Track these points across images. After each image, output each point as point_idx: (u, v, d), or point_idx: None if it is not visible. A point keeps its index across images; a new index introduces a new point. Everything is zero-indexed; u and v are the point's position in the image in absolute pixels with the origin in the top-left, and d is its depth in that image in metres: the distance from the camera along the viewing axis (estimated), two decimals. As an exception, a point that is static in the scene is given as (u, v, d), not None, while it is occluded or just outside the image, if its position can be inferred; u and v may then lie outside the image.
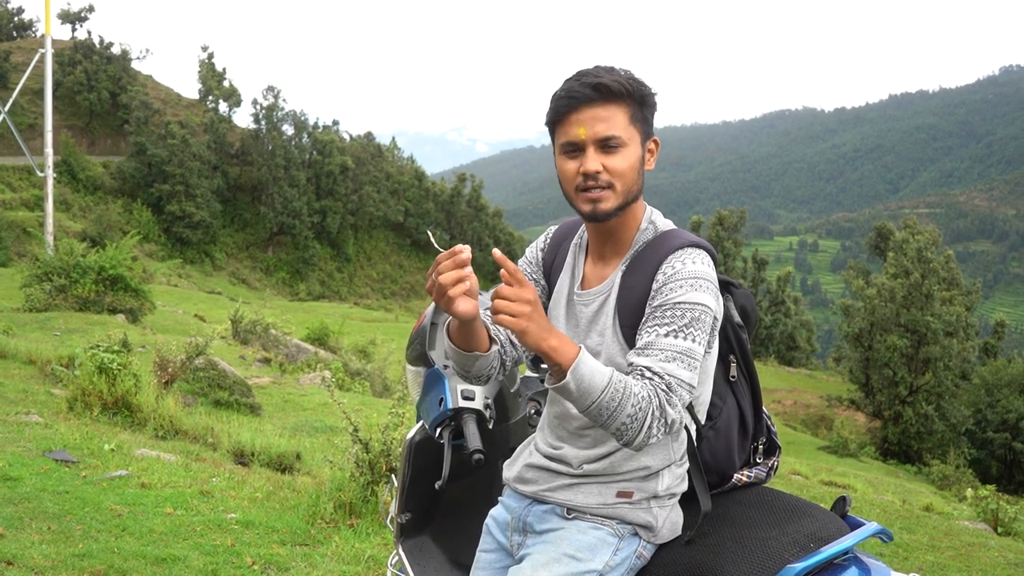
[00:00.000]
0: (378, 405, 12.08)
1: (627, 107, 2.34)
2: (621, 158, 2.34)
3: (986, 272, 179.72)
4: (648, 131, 2.41)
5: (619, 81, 2.32)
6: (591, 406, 2.15)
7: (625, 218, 2.44)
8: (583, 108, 2.33)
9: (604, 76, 2.32)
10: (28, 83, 47.16)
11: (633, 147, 2.36)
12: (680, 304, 2.28)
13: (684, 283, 2.29)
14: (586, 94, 2.32)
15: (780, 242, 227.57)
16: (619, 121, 2.33)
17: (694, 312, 2.28)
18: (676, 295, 2.29)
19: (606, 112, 2.32)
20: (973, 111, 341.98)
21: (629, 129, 2.35)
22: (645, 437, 2.19)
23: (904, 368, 44.88)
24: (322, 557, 5.48)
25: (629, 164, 2.35)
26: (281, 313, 28.30)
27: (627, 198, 2.38)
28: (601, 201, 2.36)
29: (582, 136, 2.34)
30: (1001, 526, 9.22)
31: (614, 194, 2.36)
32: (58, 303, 17.46)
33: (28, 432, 7.62)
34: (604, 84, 2.31)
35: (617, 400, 2.13)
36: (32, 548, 4.99)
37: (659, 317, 2.29)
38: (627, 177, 2.35)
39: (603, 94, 2.32)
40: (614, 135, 2.32)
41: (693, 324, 2.27)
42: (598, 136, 2.33)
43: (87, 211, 61.92)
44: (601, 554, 2.38)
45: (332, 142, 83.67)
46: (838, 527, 2.42)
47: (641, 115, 2.38)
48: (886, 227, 58.83)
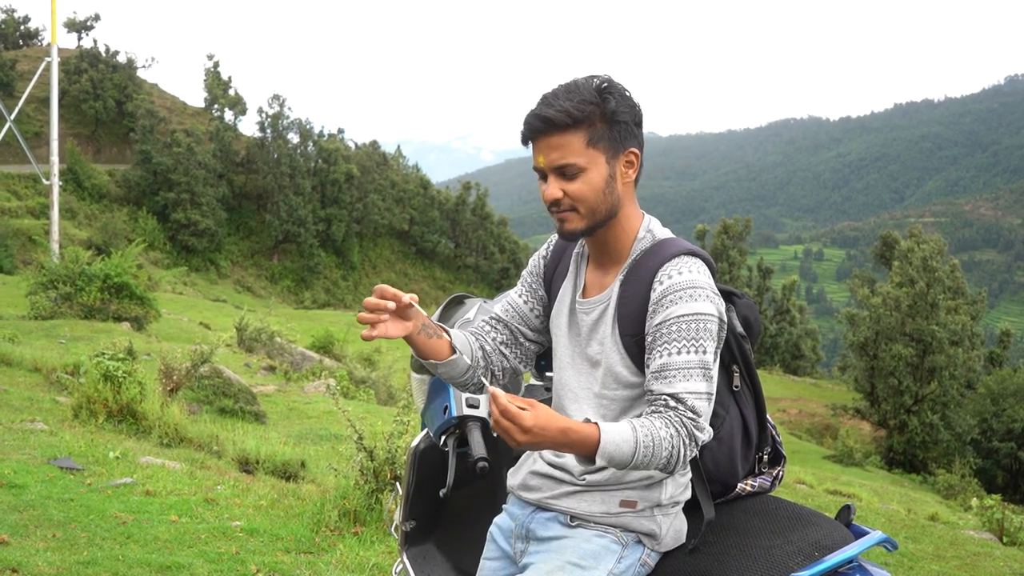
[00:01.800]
0: (383, 413, 12.08)
1: (582, 132, 2.33)
2: (581, 183, 2.35)
3: (991, 281, 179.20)
4: (616, 147, 2.38)
5: (566, 111, 2.31)
6: (628, 470, 2.23)
7: (614, 230, 2.46)
8: (540, 138, 2.36)
9: (554, 106, 2.32)
10: (34, 91, 47.30)
11: (594, 170, 2.36)
12: (682, 318, 2.29)
13: (683, 294, 2.31)
14: (537, 126, 2.35)
15: (785, 251, 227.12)
16: (574, 148, 2.33)
17: (698, 323, 2.29)
18: (676, 309, 2.30)
19: (560, 140, 2.33)
20: (978, 120, 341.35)
21: (587, 153, 2.34)
22: (682, 465, 2.25)
23: (909, 377, 44.78)
24: (326, 565, 5.47)
25: (591, 187, 2.36)
26: (286, 321, 28.32)
27: (595, 218, 2.39)
28: (566, 222, 2.40)
29: (541, 165, 2.38)
30: (1007, 536, 9.21)
31: (579, 216, 2.38)
32: (63, 311, 17.50)
33: (33, 439, 7.63)
34: (548, 118, 2.32)
35: (651, 453, 2.19)
36: (37, 555, 4.99)
37: (666, 335, 2.30)
38: (590, 200, 2.36)
39: (552, 125, 2.33)
40: (569, 163, 2.34)
41: (700, 335, 2.29)
42: (554, 165, 2.35)
43: (92, 219, 62.07)
44: (605, 562, 2.38)
45: (337, 150, 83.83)
46: (843, 536, 2.42)
47: (606, 133, 2.36)
48: (891, 236, 58.71)
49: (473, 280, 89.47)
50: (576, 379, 2.52)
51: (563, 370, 2.56)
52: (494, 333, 2.68)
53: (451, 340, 2.52)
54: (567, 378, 2.54)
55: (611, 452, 2.15)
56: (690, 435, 2.23)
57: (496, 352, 2.66)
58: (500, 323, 2.70)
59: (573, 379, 2.53)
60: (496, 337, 2.68)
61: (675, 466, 2.24)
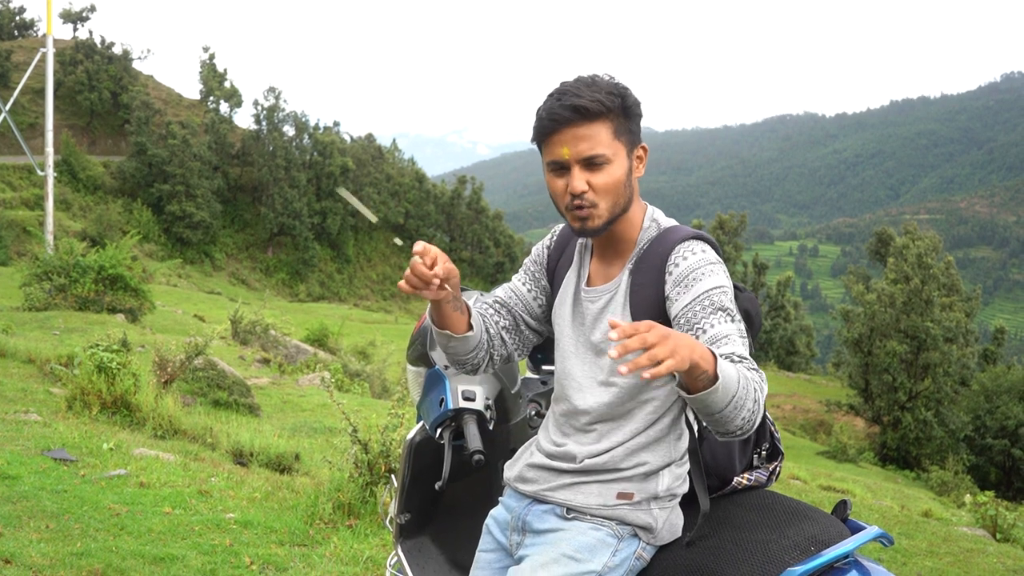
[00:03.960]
0: (377, 406, 12.07)
1: (610, 123, 2.34)
2: (606, 175, 2.35)
3: (986, 278, 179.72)
4: (634, 140, 2.41)
5: (599, 100, 2.32)
6: (731, 401, 2.03)
7: (623, 223, 2.46)
8: (565, 129, 2.34)
9: (584, 96, 2.32)
10: (29, 82, 47.10)
11: (619, 162, 2.37)
12: (711, 291, 2.29)
13: (704, 270, 2.32)
14: (566, 116, 2.33)
15: (780, 247, 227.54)
16: (602, 138, 2.34)
17: (724, 294, 2.30)
18: (703, 284, 2.30)
19: (589, 131, 2.33)
20: (974, 117, 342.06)
21: (614, 144, 2.35)
22: (758, 417, 2.11)
23: (903, 374, 44.88)
24: (320, 558, 5.47)
25: (615, 179, 2.36)
26: (281, 314, 28.28)
27: (615, 212, 2.39)
28: (589, 219, 2.38)
29: (566, 156, 2.35)
30: (1000, 532, 9.23)
31: (601, 211, 2.38)
32: (58, 302, 17.44)
33: (27, 431, 7.61)
34: (583, 106, 2.31)
35: (745, 391, 2.05)
36: (30, 547, 4.98)
37: (703, 309, 2.27)
38: (613, 193, 2.37)
39: (583, 115, 2.32)
40: (598, 153, 2.33)
41: (728, 304, 2.29)
42: (582, 155, 2.34)
43: (87, 211, 61.98)
44: (600, 555, 2.38)
45: (333, 143, 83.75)
46: (839, 531, 2.41)
47: (626, 127, 2.38)
48: (886, 232, 58.84)
49: (468, 274, 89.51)
50: (580, 368, 2.51)
51: (567, 359, 2.56)
52: (496, 317, 2.68)
53: (470, 317, 2.52)
54: (571, 367, 2.54)
55: (728, 372, 2.00)
56: (760, 385, 2.12)
57: (497, 336, 2.66)
58: (503, 308, 2.69)
59: (577, 368, 2.52)
60: (498, 321, 2.68)
61: (755, 417, 2.08)
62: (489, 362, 2.64)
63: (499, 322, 2.67)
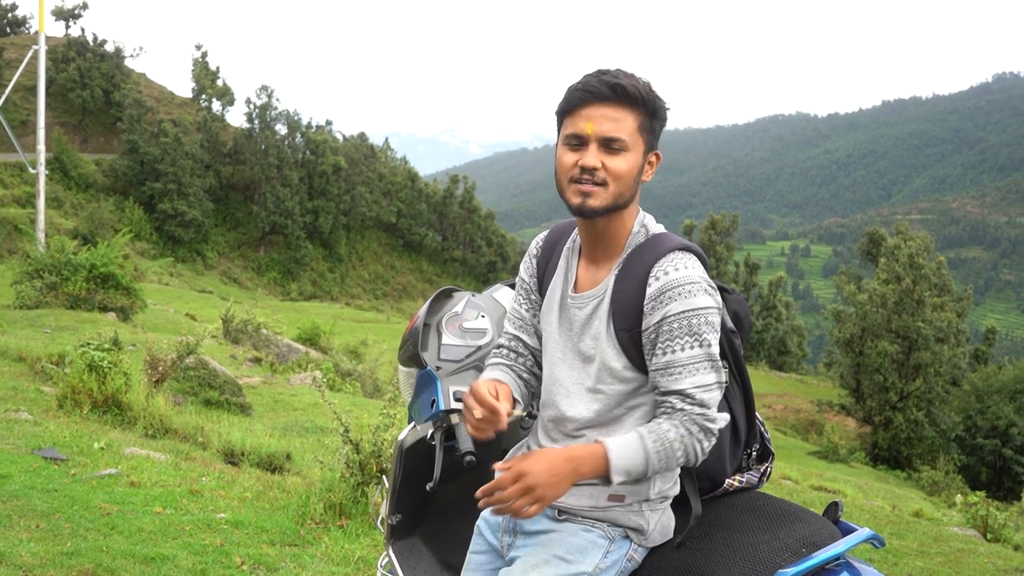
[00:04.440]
0: (369, 406, 12.06)
1: (638, 114, 2.35)
2: (621, 161, 2.35)
3: (977, 278, 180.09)
4: (653, 143, 2.42)
5: (636, 87, 2.33)
6: (647, 478, 2.31)
7: (615, 222, 2.44)
8: (596, 104, 2.34)
9: (623, 79, 2.34)
10: (21, 80, 47.04)
11: (635, 153, 2.37)
12: (682, 314, 2.30)
13: (680, 291, 2.31)
14: (602, 91, 2.34)
15: (772, 247, 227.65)
16: (627, 125, 2.34)
17: (697, 317, 2.30)
18: (675, 307, 2.31)
19: (617, 113, 2.34)
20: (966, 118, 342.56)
21: (635, 135, 2.36)
22: (701, 458, 2.32)
23: (895, 374, 44.95)
24: (311, 558, 5.46)
25: (628, 168, 2.36)
26: (272, 313, 28.26)
27: (617, 200, 2.38)
28: (591, 196, 2.36)
29: (588, 131, 2.35)
30: (990, 532, 9.25)
31: (605, 193, 2.36)
32: (49, 300, 17.41)
33: (17, 429, 7.59)
34: (622, 86, 2.33)
35: (665, 458, 2.27)
36: (20, 546, 4.97)
37: (667, 332, 2.31)
38: (623, 180, 2.36)
39: (618, 95, 2.33)
40: (619, 137, 2.34)
41: (702, 327, 2.30)
42: (603, 135, 2.34)
43: (79, 208, 61.76)
44: (591, 556, 2.38)
45: (325, 142, 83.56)
46: (830, 532, 2.42)
47: (650, 126, 2.39)
48: (878, 233, 58.84)
49: (460, 273, 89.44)
50: (568, 374, 2.51)
51: (554, 365, 2.55)
52: (523, 359, 2.69)
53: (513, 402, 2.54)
54: (559, 373, 2.53)
55: (625, 467, 2.23)
56: (702, 429, 2.29)
57: (531, 376, 2.69)
58: (526, 348, 2.71)
59: (565, 374, 2.52)
60: (526, 363, 2.69)
61: (696, 461, 2.32)
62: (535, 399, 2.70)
63: (527, 363, 2.70)
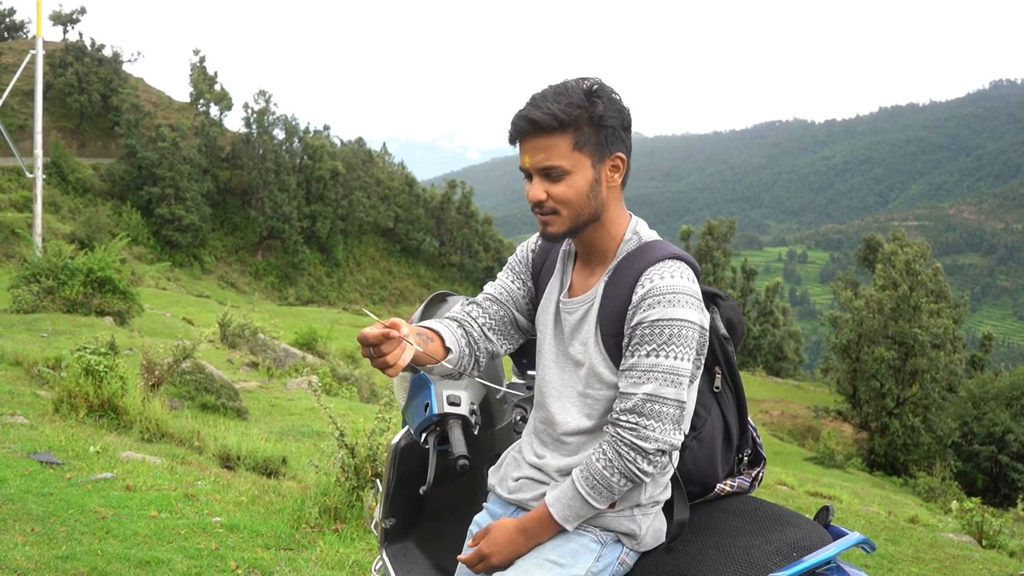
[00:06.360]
0: (365, 410, 12.06)
1: (569, 135, 2.33)
2: (565, 186, 2.35)
3: (974, 285, 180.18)
4: (602, 151, 2.38)
5: (553, 113, 2.30)
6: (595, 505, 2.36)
7: (597, 232, 2.46)
8: (527, 138, 2.36)
9: (542, 108, 2.32)
10: (19, 84, 46.97)
11: (579, 173, 2.36)
12: (657, 322, 2.30)
13: (662, 299, 2.30)
14: (523, 127, 2.35)
15: (769, 253, 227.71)
16: (560, 150, 2.33)
17: (672, 328, 2.29)
18: (653, 313, 2.30)
19: (546, 142, 2.33)
20: (963, 125, 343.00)
21: (573, 157, 2.34)
22: (646, 476, 2.33)
23: (891, 380, 44.97)
24: (306, 562, 5.46)
25: (575, 191, 2.36)
26: (269, 317, 28.26)
27: (576, 221, 2.40)
28: (549, 225, 2.41)
29: (527, 165, 2.38)
30: (986, 539, 9.25)
31: (560, 219, 2.39)
32: (46, 305, 17.39)
33: (13, 433, 7.58)
34: (535, 119, 2.32)
35: (602, 488, 2.32)
36: (15, 550, 4.97)
37: (638, 337, 2.32)
38: (573, 203, 2.37)
39: (537, 128, 2.33)
40: (554, 164, 2.34)
41: (674, 340, 2.29)
42: (538, 165, 2.36)
43: (76, 213, 61.67)
44: (583, 560, 2.39)
45: (323, 147, 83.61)
46: (821, 536, 2.43)
47: (592, 138, 2.35)
48: (875, 239, 58.91)
49: (457, 278, 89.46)
50: (560, 377, 2.52)
51: (547, 368, 2.56)
52: (483, 317, 2.66)
53: (444, 340, 2.50)
54: (551, 376, 2.54)
55: (570, 515, 2.35)
56: (634, 449, 2.29)
57: (482, 337, 2.65)
58: (494, 303, 2.68)
59: (557, 377, 2.53)
60: (484, 321, 2.66)
61: (642, 482, 2.34)
62: (475, 365, 2.64)
63: (484, 322, 2.66)
